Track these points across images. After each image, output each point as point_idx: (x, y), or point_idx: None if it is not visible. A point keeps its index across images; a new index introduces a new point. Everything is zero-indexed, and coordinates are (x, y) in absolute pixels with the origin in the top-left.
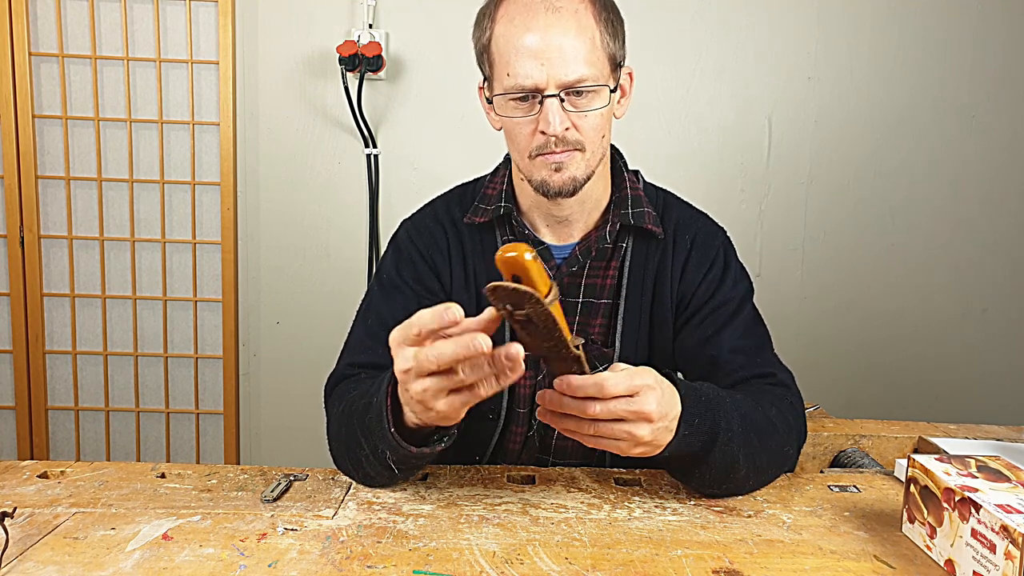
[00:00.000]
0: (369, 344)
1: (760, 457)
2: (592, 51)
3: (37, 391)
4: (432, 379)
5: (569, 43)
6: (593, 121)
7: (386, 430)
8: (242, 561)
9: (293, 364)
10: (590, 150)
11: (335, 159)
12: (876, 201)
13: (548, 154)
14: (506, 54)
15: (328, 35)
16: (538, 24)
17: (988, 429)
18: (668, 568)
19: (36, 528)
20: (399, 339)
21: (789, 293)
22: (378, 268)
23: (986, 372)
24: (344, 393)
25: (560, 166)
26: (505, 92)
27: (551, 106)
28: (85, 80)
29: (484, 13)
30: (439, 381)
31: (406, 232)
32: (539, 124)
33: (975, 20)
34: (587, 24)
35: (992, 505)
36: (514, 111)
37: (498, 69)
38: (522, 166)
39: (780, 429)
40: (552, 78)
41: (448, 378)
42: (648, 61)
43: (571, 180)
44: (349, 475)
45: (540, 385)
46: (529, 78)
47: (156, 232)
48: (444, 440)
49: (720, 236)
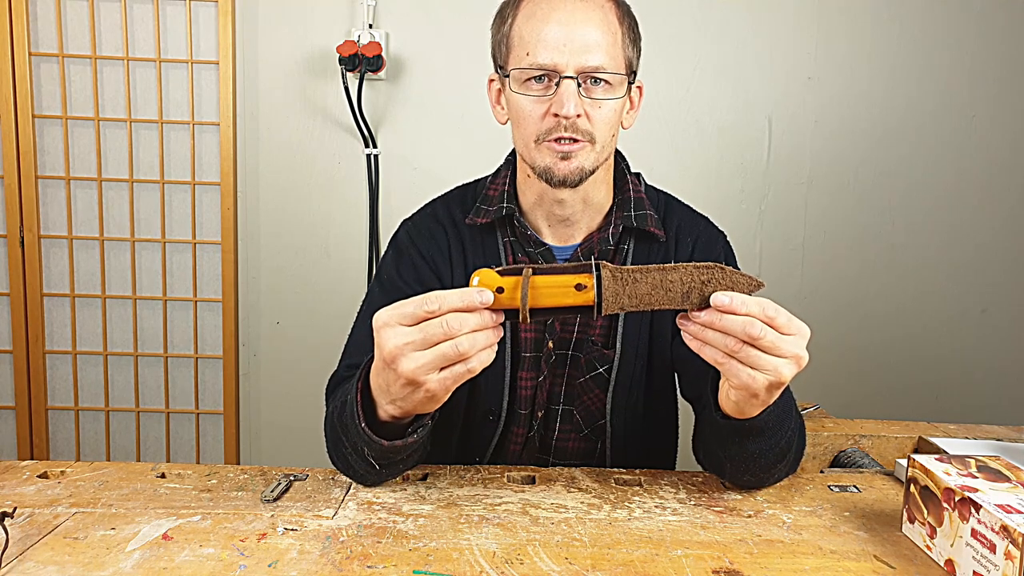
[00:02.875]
0: (369, 346)
1: (796, 453)
2: (613, 45)
3: (37, 391)
4: (429, 352)
5: (593, 32)
6: (606, 114)
7: (357, 425)
8: (242, 561)
9: (293, 364)
10: (600, 143)
11: (335, 159)
12: (876, 201)
13: (555, 141)
14: (528, 36)
15: (328, 35)
16: (565, 9)
17: (988, 429)
18: (668, 568)
19: (36, 528)
20: (389, 319)
21: (789, 293)
22: (378, 269)
23: (986, 372)
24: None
25: (568, 155)
26: (523, 68)
27: (568, 88)
28: (85, 80)
29: (507, 4)
30: (434, 355)
31: (406, 233)
32: (552, 106)
33: (975, 20)
34: (611, 20)
35: (992, 505)
36: (529, 90)
37: (517, 51)
38: (526, 153)
39: (804, 430)
40: (572, 61)
41: (442, 354)
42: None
43: (578, 170)
44: (344, 473)
45: (540, 387)
46: (549, 57)
47: (156, 232)
48: (419, 431)
49: (721, 240)
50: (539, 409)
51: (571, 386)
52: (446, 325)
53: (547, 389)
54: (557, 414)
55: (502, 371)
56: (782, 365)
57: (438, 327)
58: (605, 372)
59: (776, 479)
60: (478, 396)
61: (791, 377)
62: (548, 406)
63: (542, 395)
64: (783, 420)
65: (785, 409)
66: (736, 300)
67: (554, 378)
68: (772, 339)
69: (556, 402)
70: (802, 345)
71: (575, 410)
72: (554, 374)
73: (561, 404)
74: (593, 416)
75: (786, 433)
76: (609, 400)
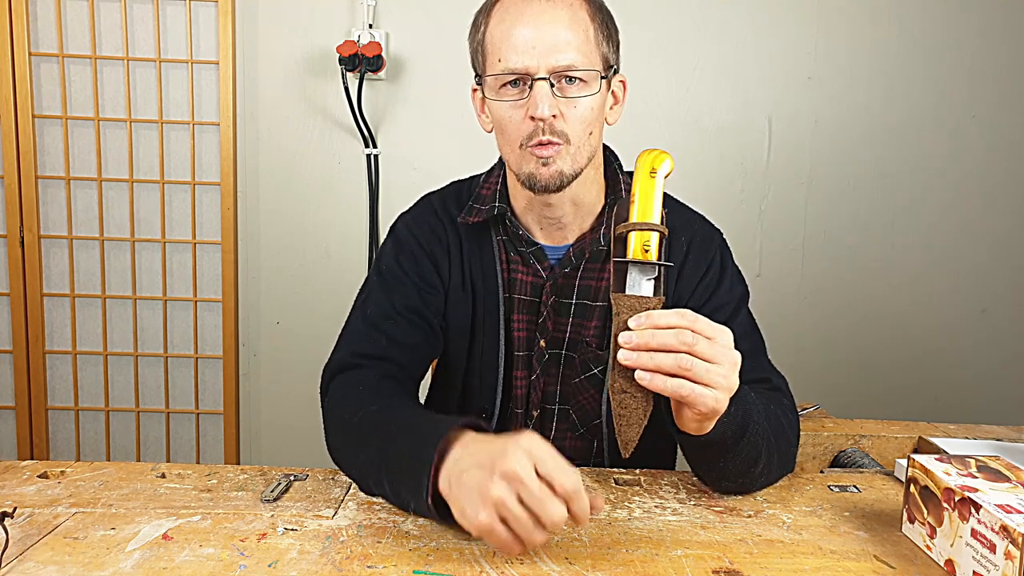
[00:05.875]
0: (370, 334)
1: (774, 456)
2: (585, 43)
3: (37, 391)
4: (520, 510)
5: (562, 31)
6: (581, 112)
7: (423, 501)
8: (242, 561)
9: (293, 364)
10: (575, 144)
11: (335, 159)
12: (876, 201)
13: (536, 146)
14: (499, 43)
15: (328, 35)
16: (532, 11)
17: (988, 429)
18: (668, 568)
19: (36, 528)
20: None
21: (789, 293)
22: (376, 259)
23: (986, 372)
24: (350, 389)
25: (547, 160)
26: (496, 75)
27: (541, 89)
28: (85, 80)
29: (480, 12)
30: (518, 515)
31: (406, 225)
32: (528, 109)
33: (975, 19)
34: (581, 18)
35: (992, 505)
36: (504, 96)
37: (491, 58)
38: (512, 160)
39: (787, 430)
40: (543, 62)
41: (521, 520)
42: (648, 62)
43: (558, 174)
44: (347, 474)
45: (534, 386)
46: (520, 61)
47: (156, 232)
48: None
49: (717, 238)
50: (534, 408)
51: (566, 386)
52: (549, 515)
53: (541, 388)
54: (553, 414)
55: (495, 369)
56: (726, 372)
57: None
58: (600, 373)
59: (761, 484)
60: (472, 394)
61: (734, 382)
62: (543, 405)
63: (536, 394)
64: (743, 429)
65: (744, 419)
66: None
67: (548, 378)
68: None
69: (552, 402)
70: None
71: (571, 410)
72: (548, 374)
73: (557, 404)
74: (588, 416)
75: (750, 442)
76: (604, 400)
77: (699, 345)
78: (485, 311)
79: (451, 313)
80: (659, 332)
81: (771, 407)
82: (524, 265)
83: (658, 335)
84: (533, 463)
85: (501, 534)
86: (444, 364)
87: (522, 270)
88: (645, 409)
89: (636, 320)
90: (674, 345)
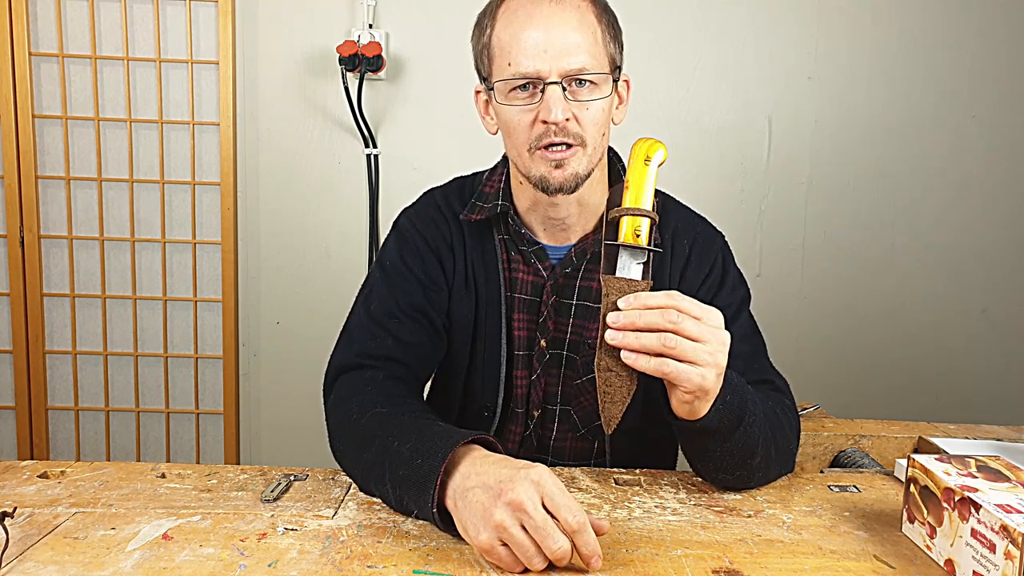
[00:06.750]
0: (375, 333)
1: (771, 450)
2: (594, 45)
3: (37, 391)
4: (523, 537)
5: (572, 34)
6: (594, 114)
7: (428, 508)
8: (242, 561)
9: (293, 364)
10: (591, 145)
11: (335, 159)
12: (876, 201)
13: (548, 149)
14: (508, 46)
15: (328, 35)
16: (541, 14)
17: (988, 429)
18: (668, 568)
19: (36, 528)
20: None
21: (789, 293)
22: (379, 254)
23: (986, 372)
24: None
25: (561, 163)
26: (507, 79)
27: (553, 94)
28: (85, 80)
29: (484, 14)
30: (521, 541)
31: (410, 221)
32: (540, 113)
33: (975, 19)
34: (589, 20)
35: (992, 505)
36: (514, 100)
37: (499, 61)
38: (520, 163)
39: (786, 428)
40: (555, 66)
41: (524, 546)
42: (648, 62)
43: (573, 176)
44: (348, 472)
45: (535, 385)
46: (531, 65)
47: (156, 232)
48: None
49: (719, 240)
50: (535, 408)
51: (568, 387)
52: (550, 547)
53: (542, 388)
54: (554, 414)
55: (497, 368)
56: (712, 351)
57: (528, 542)
58: None
59: (759, 479)
60: (474, 392)
61: (722, 367)
62: (544, 405)
63: (537, 394)
64: (739, 418)
65: (740, 408)
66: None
67: (549, 378)
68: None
69: (553, 402)
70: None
71: (572, 410)
72: (549, 374)
73: (558, 404)
74: (590, 417)
75: (746, 432)
76: None
77: (684, 323)
78: (487, 309)
79: (455, 310)
80: (646, 312)
81: (770, 403)
82: (525, 264)
83: (645, 315)
84: (540, 496)
85: (501, 555)
86: (447, 361)
87: (523, 269)
88: (629, 388)
89: (625, 301)
90: (660, 324)
